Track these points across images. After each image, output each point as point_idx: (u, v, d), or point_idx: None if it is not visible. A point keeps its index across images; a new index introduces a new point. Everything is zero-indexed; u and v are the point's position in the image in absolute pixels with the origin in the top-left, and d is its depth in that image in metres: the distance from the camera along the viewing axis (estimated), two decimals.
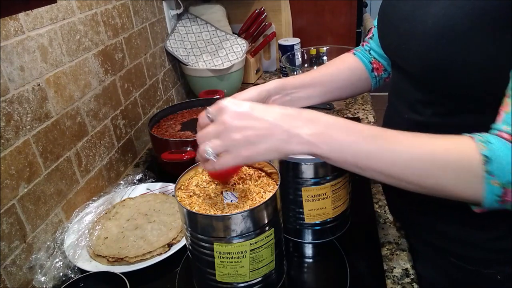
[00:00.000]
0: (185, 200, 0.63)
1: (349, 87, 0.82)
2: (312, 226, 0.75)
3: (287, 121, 0.50)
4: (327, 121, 0.51)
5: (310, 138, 0.49)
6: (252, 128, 0.50)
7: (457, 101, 0.57)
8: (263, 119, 0.50)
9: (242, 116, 0.51)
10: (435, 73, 0.55)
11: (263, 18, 1.57)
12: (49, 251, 0.77)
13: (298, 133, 0.49)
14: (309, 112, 0.52)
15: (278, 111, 0.51)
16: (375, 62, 0.82)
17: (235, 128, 0.50)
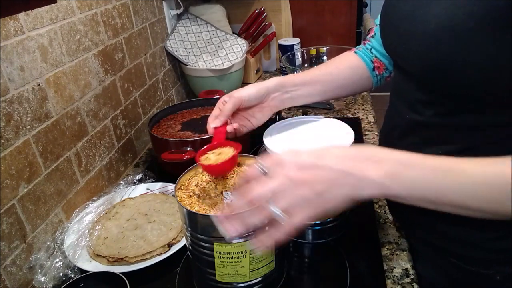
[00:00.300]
0: (185, 200, 0.63)
1: (350, 86, 0.82)
2: (312, 226, 0.75)
3: (354, 165, 0.46)
4: (395, 159, 0.47)
5: (382, 180, 0.46)
6: (319, 180, 0.45)
7: (457, 101, 0.57)
8: (328, 168, 0.46)
9: (305, 167, 0.46)
10: (435, 73, 0.55)
11: (263, 18, 1.57)
12: (49, 251, 0.77)
13: (368, 176, 0.46)
14: (371, 150, 0.48)
15: (342, 155, 0.47)
16: (376, 61, 0.82)
17: (302, 182, 0.45)
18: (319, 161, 0.46)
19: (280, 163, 0.47)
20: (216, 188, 0.65)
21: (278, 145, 0.71)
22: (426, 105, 0.61)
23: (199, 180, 0.67)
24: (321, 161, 0.46)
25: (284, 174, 0.46)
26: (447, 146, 0.61)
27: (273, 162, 0.47)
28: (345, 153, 0.48)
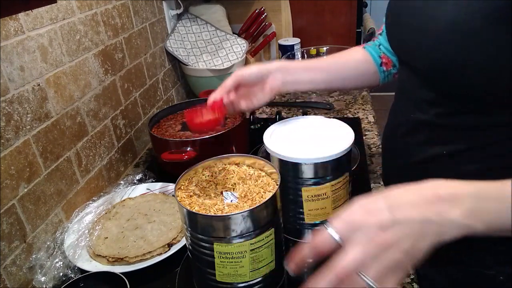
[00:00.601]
0: (185, 200, 0.63)
1: (356, 78, 0.82)
2: (312, 226, 0.75)
3: (433, 210, 0.43)
4: (469, 192, 0.44)
5: (464, 220, 0.43)
6: (404, 237, 0.42)
7: (463, 100, 0.57)
8: (409, 221, 0.42)
9: (385, 226, 0.42)
10: (443, 71, 0.55)
11: (263, 18, 1.57)
12: (49, 251, 0.77)
13: (449, 219, 0.43)
14: (439, 186, 0.45)
15: (415, 200, 0.44)
16: (384, 57, 0.82)
17: (388, 245, 0.42)
18: (396, 215, 0.43)
19: (357, 226, 0.43)
20: (216, 188, 0.65)
21: (278, 145, 0.71)
22: (431, 104, 0.61)
23: (199, 180, 0.67)
24: (398, 213, 0.43)
25: (367, 240, 0.42)
26: (451, 146, 0.61)
27: (347, 226, 0.43)
28: (417, 197, 0.44)
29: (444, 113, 0.60)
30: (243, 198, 0.62)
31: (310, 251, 0.45)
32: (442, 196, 0.43)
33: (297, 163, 0.68)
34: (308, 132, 0.76)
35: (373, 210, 0.43)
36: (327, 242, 0.43)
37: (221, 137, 0.95)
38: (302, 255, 0.45)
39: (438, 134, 0.62)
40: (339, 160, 0.68)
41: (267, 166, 0.68)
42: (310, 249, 0.45)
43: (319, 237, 0.44)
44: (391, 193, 0.46)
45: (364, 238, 0.42)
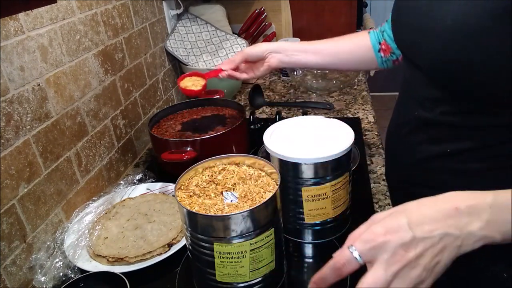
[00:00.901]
0: (185, 200, 0.63)
1: (352, 61, 0.91)
2: (312, 226, 0.75)
3: (452, 225, 0.43)
4: (487, 203, 0.44)
5: (483, 232, 0.43)
6: (428, 254, 0.43)
7: (468, 99, 0.57)
8: (430, 237, 0.43)
9: (408, 244, 0.42)
10: (449, 70, 0.55)
11: (263, 18, 1.57)
12: (49, 251, 0.77)
13: (470, 231, 0.43)
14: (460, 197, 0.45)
15: (435, 216, 0.44)
16: (384, 44, 0.87)
17: (412, 264, 0.42)
18: (417, 232, 0.43)
19: (379, 247, 0.43)
20: (216, 188, 0.65)
21: (278, 145, 0.71)
22: (435, 103, 0.61)
23: (199, 180, 0.67)
24: (419, 231, 0.43)
25: (390, 259, 0.42)
26: (456, 144, 0.61)
27: (369, 246, 0.43)
28: (436, 211, 0.44)
29: (449, 112, 0.60)
30: (243, 198, 0.62)
31: (332, 272, 0.45)
32: (461, 209, 0.43)
33: (297, 163, 0.68)
34: (308, 132, 0.76)
35: (394, 228, 0.43)
36: (350, 263, 0.44)
37: (221, 137, 0.95)
38: (323, 275, 0.46)
39: (442, 132, 0.62)
40: (339, 160, 0.68)
41: (267, 166, 0.68)
42: (332, 270, 0.45)
43: (341, 258, 0.45)
44: (410, 207, 0.46)
45: (387, 257, 0.42)
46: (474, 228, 0.43)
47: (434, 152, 0.64)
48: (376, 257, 0.43)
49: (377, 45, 0.88)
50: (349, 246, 0.44)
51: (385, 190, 0.90)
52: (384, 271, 0.42)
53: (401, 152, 0.73)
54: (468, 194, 0.45)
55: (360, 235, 0.45)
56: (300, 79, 1.48)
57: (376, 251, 0.43)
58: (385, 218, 0.45)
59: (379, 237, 0.43)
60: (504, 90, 0.51)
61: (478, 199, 0.44)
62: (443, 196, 0.45)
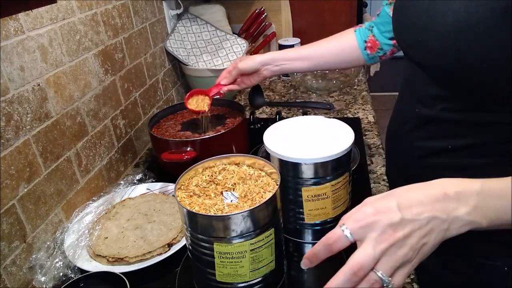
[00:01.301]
0: (185, 200, 0.63)
1: (339, 61, 0.96)
2: (312, 226, 0.75)
3: (440, 209, 0.45)
4: (475, 190, 0.46)
5: (469, 217, 0.45)
6: (415, 235, 0.44)
7: (469, 97, 0.57)
8: (418, 219, 0.45)
9: (397, 225, 0.44)
10: (451, 69, 0.55)
11: (263, 18, 1.57)
12: (49, 251, 0.77)
13: (457, 216, 0.45)
14: (449, 183, 0.47)
15: (424, 200, 0.46)
16: (371, 41, 0.89)
17: (400, 243, 0.44)
18: (405, 214, 0.45)
19: (369, 226, 0.45)
20: (216, 188, 0.65)
21: (278, 145, 0.71)
22: (437, 100, 0.61)
23: (199, 180, 0.67)
24: (408, 212, 0.45)
25: (379, 238, 0.44)
26: (457, 140, 0.61)
27: (360, 225, 0.45)
28: (425, 196, 0.46)
29: (450, 109, 0.60)
30: (243, 198, 0.62)
31: (324, 248, 0.47)
32: (449, 195, 0.45)
33: (297, 163, 0.68)
34: (308, 132, 0.76)
35: (383, 209, 0.45)
36: (340, 240, 0.46)
37: (221, 137, 0.95)
38: (316, 251, 0.48)
39: (443, 129, 0.63)
40: (339, 160, 0.68)
41: (267, 166, 0.68)
42: (324, 246, 0.47)
43: (333, 235, 0.46)
44: (400, 191, 0.48)
45: (376, 236, 0.44)
46: (460, 213, 0.45)
47: (435, 149, 0.65)
48: (365, 235, 0.45)
49: (363, 43, 0.91)
50: (341, 225, 0.46)
51: (385, 190, 0.90)
52: (373, 249, 0.44)
53: (402, 150, 0.73)
54: (457, 181, 0.47)
55: (351, 215, 0.47)
56: (300, 79, 1.48)
57: (366, 230, 0.45)
58: (376, 200, 0.47)
59: (369, 217, 0.45)
60: (505, 87, 0.51)
61: (466, 186, 0.46)
62: (433, 182, 0.47)
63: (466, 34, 0.52)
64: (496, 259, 0.64)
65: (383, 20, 0.87)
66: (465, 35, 0.52)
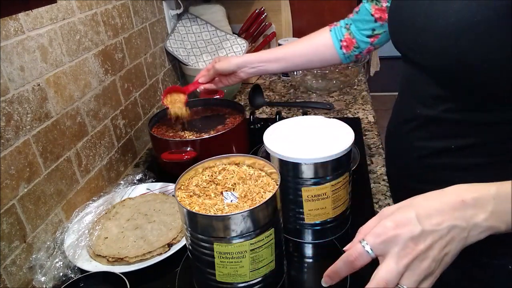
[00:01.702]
0: (185, 200, 0.63)
1: (314, 61, 0.98)
2: (312, 226, 0.75)
3: (459, 217, 0.44)
4: (491, 195, 0.45)
5: (488, 223, 0.45)
6: (437, 246, 0.44)
7: (471, 97, 0.57)
8: (438, 229, 0.44)
9: (418, 237, 0.44)
10: (452, 69, 0.55)
11: (263, 18, 1.57)
12: (49, 251, 0.77)
13: (476, 223, 0.45)
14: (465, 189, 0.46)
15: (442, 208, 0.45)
16: (347, 39, 0.91)
17: (422, 256, 0.44)
18: (425, 225, 0.44)
19: (390, 240, 0.44)
20: (216, 188, 0.65)
21: (278, 145, 0.71)
22: (438, 100, 0.61)
23: (199, 180, 0.67)
24: (427, 223, 0.44)
25: (401, 252, 0.44)
26: (459, 140, 0.61)
27: (381, 240, 0.44)
28: (442, 204, 0.45)
29: (452, 109, 0.60)
30: (243, 198, 0.62)
31: (345, 265, 0.46)
32: (467, 202, 0.45)
33: (297, 163, 0.68)
34: (308, 132, 0.76)
35: (403, 222, 0.45)
36: (362, 256, 0.45)
37: (221, 137, 0.95)
38: (337, 268, 0.47)
39: (444, 129, 0.63)
40: (339, 160, 0.68)
41: (267, 166, 0.68)
42: (345, 263, 0.46)
43: (353, 252, 0.46)
44: (418, 201, 0.47)
45: (398, 250, 0.44)
46: (479, 219, 0.44)
47: (436, 149, 0.65)
48: (387, 250, 0.44)
49: (338, 42, 0.92)
50: (361, 240, 0.46)
51: (385, 190, 0.90)
52: (396, 264, 0.43)
53: (402, 150, 0.73)
54: (473, 186, 0.46)
55: (371, 229, 0.46)
56: (300, 79, 1.48)
57: (387, 245, 0.44)
58: (394, 212, 0.46)
59: (389, 231, 0.44)
60: (506, 87, 0.51)
61: (482, 191, 0.45)
62: (449, 189, 0.47)
63: (467, 34, 0.52)
64: (501, 258, 0.64)
65: (362, 18, 0.87)
66: (466, 35, 0.52)
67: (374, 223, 0.47)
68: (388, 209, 0.47)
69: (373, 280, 0.44)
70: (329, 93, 1.45)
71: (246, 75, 1.00)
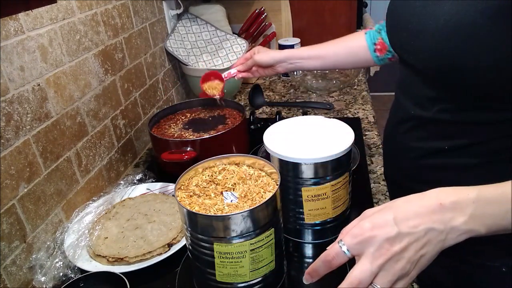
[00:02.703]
0: (185, 200, 0.63)
1: (349, 63, 1.01)
2: (312, 226, 0.75)
3: (437, 220, 0.45)
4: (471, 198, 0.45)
5: (466, 226, 0.45)
6: (412, 248, 0.44)
7: (464, 97, 0.57)
8: (414, 232, 0.45)
9: (394, 239, 0.44)
10: (444, 70, 0.55)
11: (263, 18, 1.57)
12: (49, 251, 0.77)
13: (454, 226, 0.45)
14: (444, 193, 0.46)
15: (420, 212, 0.45)
16: (380, 43, 0.91)
17: (397, 256, 0.44)
18: (401, 227, 0.45)
19: (366, 241, 0.45)
20: (216, 188, 0.65)
21: (278, 145, 0.71)
22: (432, 101, 0.62)
23: (199, 180, 0.67)
24: (404, 226, 0.45)
25: (376, 252, 0.44)
26: (454, 141, 0.61)
27: (357, 241, 0.45)
28: (421, 207, 0.46)
29: (446, 110, 0.60)
30: (243, 198, 0.62)
31: (323, 264, 0.48)
32: (445, 205, 0.45)
33: (297, 163, 0.68)
34: (308, 132, 0.76)
35: (380, 223, 0.45)
36: (338, 256, 0.46)
37: (221, 137, 0.95)
38: (316, 267, 0.48)
39: (440, 130, 0.63)
40: (339, 160, 0.68)
41: (267, 166, 0.68)
42: (323, 262, 0.48)
43: (331, 251, 0.47)
44: (397, 204, 0.47)
45: (373, 251, 0.44)
46: (457, 223, 0.45)
47: (432, 149, 0.65)
48: (363, 251, 0.45)
49: (372, 45, 0.93)
50: (339, 241, 0.47)
51: (385, 190, 0.90)
52: (370, 264, 0.44)
53: (398, 151, 0.74)
54: (453, 190, 0.46)
55: (350, 230, 0.47)
56: (300, 79, 1.48)
57: (363, 245, 0.45)
58: (374, 213, 0.47)
59: (366, 232, 0.45)
60: (499, 87, 0.52)
61: (461, 194, 0.46)
62: (429, 193, 0.47)
63: (457, 34, 0.52)
64: (495, 260, 0.64)
65: None
66: (455, 37, 0.52)
67: (354, 224, 0.48)
68: (369, 211, 0.48)
69: (347, 279, 0.45)
70: (329, 93, 1.45)
71: (283, 70, 1.03)
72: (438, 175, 0.66)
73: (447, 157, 0.63)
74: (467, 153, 0.61)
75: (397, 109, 0.73)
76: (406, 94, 0.69)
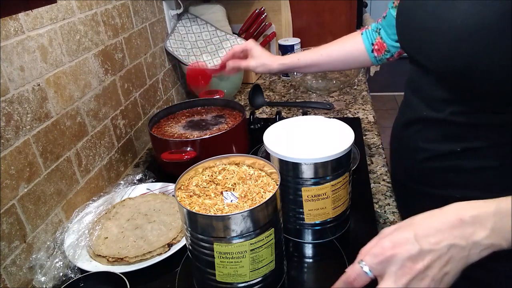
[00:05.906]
0: (185, 200, 0.63)
1: (347, 64, 1.01)
2: (312, 226, 0.75)
3: (458, 236, 0.44)
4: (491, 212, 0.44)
5: (489, 241, 0.44)
6: (435, 266, 0.44)
7: (478, 99, 0.56)
8: (436, 249, 0.44)
9: (416, 257, 0.44)
10: (459, 71, 0.55)
11: (263, 18, 1.57)
12: (49, 251, 0.77)
13: (476, 241, 0.44)
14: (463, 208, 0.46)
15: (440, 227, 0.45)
16: (378, 43, 0.90)
17: (420, 275, 0.43)
18: (423, 245, 0.44)
19: (388, 260, 0.44)
20: (216, 188, 0.65)
21: (278, 145, 0.71)
22: (445, 103, 0.61)
23: (199, 180, 0.67)
24: (425, 243, 0.44)
25: (400, 271, 0.43)
26: (466, 143, 0.61)
27: (379, 260, 0.44)
28: (441, 223, 0.45)
29: (459, 112, 0.59)
30: (243, 198, 0.62)
31: (344, 286, 0.47)
32: (465, 220, 0.44)
33: (297, 163, 0.68)
34: (308, 132, 0.76)
35: (401, 241, 0.44)
36: (360, 277, 0.45)
37: (221, 137, 0.95)
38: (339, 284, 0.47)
39: (452, 131, 0.62)
40: (339, 160, 0.68)
41: (267, 166, 0.68)
42: (344, 284, 0.47)
43: (352, 272, 0.46)
44: (416, 221, 0.47)
45: (396, 270, 0.43)
46: (479, 237, 0.44)
47: (442, 151, 0.64)
48: (385, 270, 0.44)
49: (370, 46, 0.91)
50: (359, 261, 0.45)
51: (385, 190, 0.90)
52: (394, 283, 0.43)
53: (407, 152, 0.73)
54: (472, 204, 0.46)
55: (370, 250, 0.46)
56: (300, 79, 1.48)
57: (385, 265, 0.44)
58: (393, 232, 0.46)
59: (387, 251, 0.44)
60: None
61: (481, 208, 0.45)
62: (448, 208, 0.46)
63: (473, 35, 0.51)
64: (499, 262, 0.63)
65: (389, 23, 0.86)
66: (472, 36, 0.51)
67: (373, 243, 0.47)
68: (387, 230, 0.47)
69: None
70: (329, 93, 1.45)
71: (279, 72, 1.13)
72: (447, 177, 0.65)
73: (460, 159, 0.62)
74: (479, 155, 0.60)
75: (407, 109, 0.73)
76: (417, 94, 0.68)
